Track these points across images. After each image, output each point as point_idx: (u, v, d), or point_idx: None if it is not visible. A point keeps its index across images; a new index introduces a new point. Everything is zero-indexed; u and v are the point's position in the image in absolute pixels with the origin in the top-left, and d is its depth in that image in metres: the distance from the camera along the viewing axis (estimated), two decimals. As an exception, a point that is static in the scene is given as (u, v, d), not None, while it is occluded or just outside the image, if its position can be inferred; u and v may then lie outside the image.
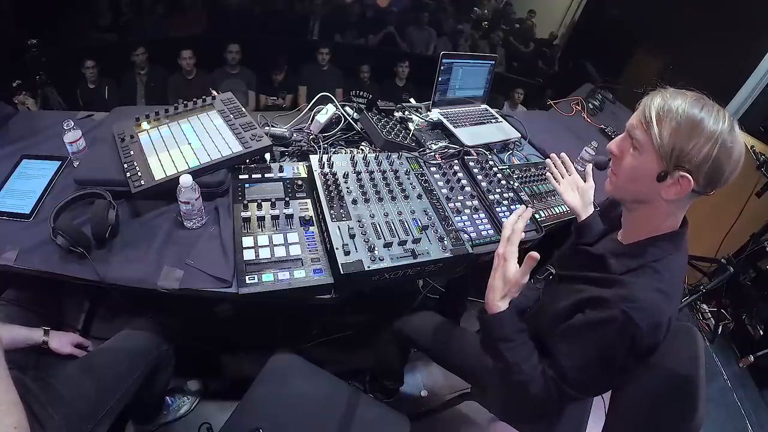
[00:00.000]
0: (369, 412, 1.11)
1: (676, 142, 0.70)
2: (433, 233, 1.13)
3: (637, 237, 0.84)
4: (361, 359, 1.67)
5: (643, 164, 0.76)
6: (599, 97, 2.39)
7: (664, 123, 0.72)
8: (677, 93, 0.75)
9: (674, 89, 0.76)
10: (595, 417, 1.19)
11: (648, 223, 0.82)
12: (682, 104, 0.72)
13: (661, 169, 0.73)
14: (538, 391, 0.81)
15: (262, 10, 4.61)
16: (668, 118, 0.71)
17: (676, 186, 0.73)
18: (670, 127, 0.71)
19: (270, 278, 0.98)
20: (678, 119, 0.71)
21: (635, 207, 0.83)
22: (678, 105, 0.72)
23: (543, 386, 0.81)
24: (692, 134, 0.70)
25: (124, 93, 3.55)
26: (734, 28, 3.01)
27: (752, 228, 2.42)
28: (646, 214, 0.82)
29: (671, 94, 0.75)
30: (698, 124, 0.70)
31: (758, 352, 2.21)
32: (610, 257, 0.84)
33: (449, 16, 5.47)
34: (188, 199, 1.01)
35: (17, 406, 0.68)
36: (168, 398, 1.47)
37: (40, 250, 1.00)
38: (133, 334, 1.14)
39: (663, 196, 0.75)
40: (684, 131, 0.70)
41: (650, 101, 0.76)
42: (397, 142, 1.43)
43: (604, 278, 0.82)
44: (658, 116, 0.73)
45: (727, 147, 0.69)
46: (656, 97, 0.75)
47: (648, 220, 0.82)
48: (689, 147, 0.70)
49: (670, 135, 0.71)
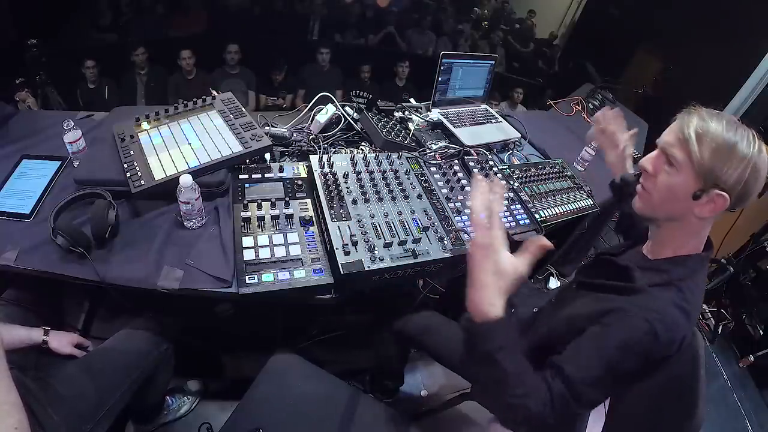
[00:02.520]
0: (369, 412, 1.11)
1: (715, 162, 0.72)
2: (433, 233, 1.13)
3: (663, 253, 0.84)
4: (362, 359, 1.67)
5: (681, 182, 0.77)
6: (599, 97, 2.39)
7: (704, 143, 0.73)
8: (712, 114, 0.77)
9: (707, 110, 0.78)
10: (595, 417, 1.18)
11: (676, 240, 0.83)
12: (719, 126, 0.74)
13: (698, 188, 0.75)
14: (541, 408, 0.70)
15: (262, 10, 4.61)
16: (708, 138, 0.73)
17: (711, 204, 0.74)
18: (709, 147, 0.73)
19: (270, 278, 0.97)
20: (717, 140, 0.73)
21: (666, 224, 0.84)
22: (715, 126, 0.74)
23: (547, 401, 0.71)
24: (729, 156, 0.72)
25: (124, 93, 3.55)
26: (734, 29, 3.01)
27: (752, 228, 2.42)
28: (676, 231, 0.82)
29: (707, 115, 0.77)
30: (734, 146, 0.72)
31: (758, 352, 2.21)
32: (635, 270, 0.84)
33: (449, 16, 5.48)
34: (188, 199, 1.01)
35: (18, 406, 0.68)
36: (168, 398, 1.47)
37: (40, 250, 1.00)
38: (133, 334, 1.15)
39: (696, 214, 0.76)
40: (722, 152, 0.72)
41: (687, 120, 0.77)
42: (397, 142, 1.43)
43: (628, 287, 0.82)
44: (698, 135, 0.74)
45: (757, 170, 0.72)
46: (693, 117, 0.77)
47: (676, 237, 0.83)
48: (725, 168, 0.72)
49: (710, 155, 0.73)
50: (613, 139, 1.22)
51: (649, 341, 0.72)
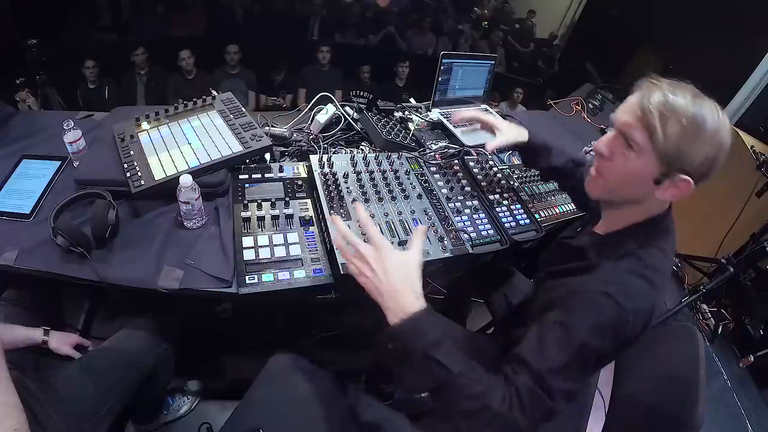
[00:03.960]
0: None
1: (681, 145, 0.65)
2: (433, 233, 1.13)
3: (616, 228, 0.79)
4: (362, 360, 1.67)
5: (640, 167, 0.69)
6: (599, 97, 2.39)
7: (669, 123, 0.65)
8: (675, 87, 0.68)
9: (668, 82, 0.69)
10: (595, 417, 1.19)
11: (632, 216, 0.77)
12: (684, 102, 0.65)
13: (660, 172, 0.68)
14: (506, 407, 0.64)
15: (262, 10, 4.61)
16: (674, 119, 0.65)
17: (674, 189, 0.69)
18: (675, 128, 0.65)
19: (270, 278, 0.97)
20: (684, 120, 0.64)
21: (623, 206, 0.78)
22: (681, 103, 0.65)
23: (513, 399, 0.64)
24: (698, 136, 0.65)
25: (124, 93, 3.55)
26: (734, 28, 3.02)
27: (752, 228, 2.42)
28: (634, 211, 0.77)
29: (669, 88, 0.68)
30: (702, 123, 0.64)
31: (758, 352, 2.21)
32: (589, 249, 0.80)
33: (449, 16, 5.48)
34: (188, 199, 1.01)
35: (18, 407, 0.68)
36: (168, 398, 1.47)
37: (40, 250, 1.00)
38: (133, 334, 1.15)
39: (658, 198, 0.71)
40: (690, 133, 0.65)
41: (648, 97, 0.68)
42: (397, 142, 1.43)
43: (583, 266, 0.77)
44: (661, 115, 0.65)
45: (723, 143, 0.66)
46: (654, 92, 0.68)
47: (634, 215, 0.77)
48: (693, 149, 0.65)
49: (676, 137, 0.65)
50: None
51: (615, 315, 0.65)
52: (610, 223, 0.82)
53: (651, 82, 0.70)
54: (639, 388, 0.87)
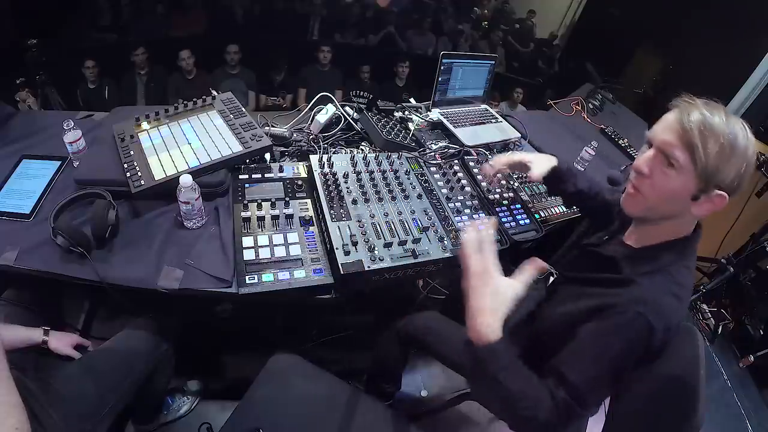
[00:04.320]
0: (369, 412, 1.11)
1: (720, 162, 0.68)
2: (433, 233, 1.13)
3: (651, 242, 0.82)
4: (362, 359, 1.67)
5: (680, 185, 0.72)
6: (599, 97, 2.39)
7: (709, 143, 0.68)
8: (710, 107, 0.72)
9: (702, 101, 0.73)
10: (595, 417, 1.18)
11: (667, 233, 0.80)
12: (720, 121, 0.69)
13: (698, 189, 0.71)
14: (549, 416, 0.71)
15: (262, 10, 4.61)
16: (713, 138, 0.68)
17: (710, 204, 0.72)
18: (715, 147, 0.68)
19: (270, 278, 0.98)
20: (722, 139, 0.68)
21: (658, 222, 0.81)
22: (718, 123, 0.69)
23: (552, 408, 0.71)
24: (733, 153, 0.69)
25: (124, 93, 3.55)
26: (734, 28, 3.01)
27: (752, 228, 2.42)
28: (668, 226, 0.80)
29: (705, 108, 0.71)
30: (737, 142, 0.69)
31: (758, 352, 2.21)
32: (621, 260, 0.81)
33: (449, 16, 5.48)
34: (188, 199, 1.01)
35: (19, 407, 0.68)
36: (168, 398, 1.47)
37: (40, 250, 1.00)
38: (133, 334, 1.14)
39: (694, 213, 0.74)
40: (727, 151, 0.68)
41: (687, 116, 0.71)
42: (397, 142, 1.43)
43: (616, 279, 0.79)
44: (702, 134, 0.68)
45: (750, 162, 0.70)
46: (693, 111, 0.71)
47: (668, 230, 0.80)
48: (728, 166, 0.69)
49: (715, 155, 0.68)
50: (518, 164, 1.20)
51: (647, 335, 0.71)
52: (642, 236, 0.84)
53: (687, 102, 0.74)
54: (639, 388, 0.87)
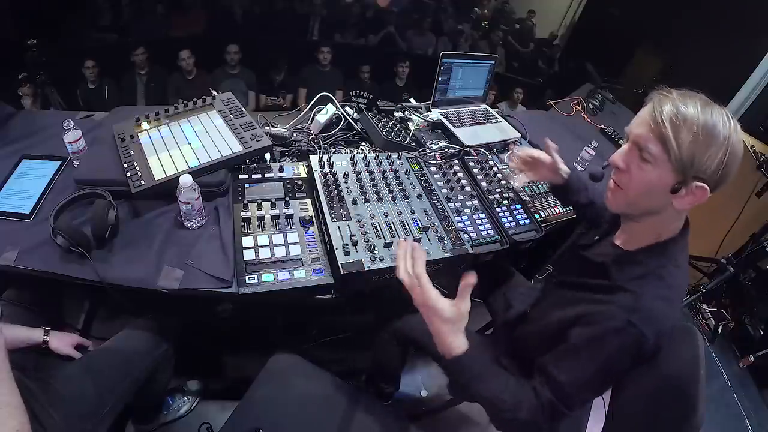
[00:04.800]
0: (369, 412, 1.11)
1: (695, 152, 0.67)
2: (433, 233, 1.13)
3: (639, 243, 0.81)
4: (362, 359, 1.67)
5: (657, 178, 0.71)
6: (599, 97, 2.39)
7: (681, 133, 0.67)
8: (684, 97, 0.70)
9: (677, 92, 0.72)
10: (595, 417, 1.19)
11: (654, 230, 0.79)
12: (694, 111, 0.68)
13: (676, 182, 0.70)
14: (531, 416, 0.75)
15: (262, 10, 4.61)
16: (685, 128, 0.67)
17: (691, 196, 0.70)
18: (688, 136, 0.67)
19: (270, 278, 0.98)
20: (695, 128, 0.67)
21: (642, 218, 0.80)
22: (692, 112, 0.68)
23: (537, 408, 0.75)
24: (710, 142, 0.67)
25: (124, 93, 3.55)
26: (734, 28, 3.02)
27: (752, 228, 2.42)
28: (653, 223, 0.79)
29: (679, 99, 0.70)
30: (714, 130, 0.66)
31: (758, 352, 2.21)
32: (611, 265, 0.81)
33: (449, 16, 5.48)
34: (188, 199, 1.01)
35: (20, 408, 0.68)
36: (168, 398, 1.47)
37: (40, 250, 1.00)
38: (133, 334, 1.15)
39: (676, 207, 0.73)
40: (702, 141, 0.67)
41: (659, 109, 0.70)
42: (397, 142, 1.43)
43: (606, 285, 0.79)
44: (673, 125, 0.68)
45: (735, 149, 0.68)
46: (665, 103, 0.70)
47: (654, 228, 0.79)
48: (706, 156, 0.67)
49: (688, 145, 0.67)
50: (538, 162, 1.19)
51: (638, 344, 0.71)
52: (630, 236, 0.84)
53: (661, 94, 0.73)
54: (639, 388, 0.87)
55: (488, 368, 0.80)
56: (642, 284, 0.75)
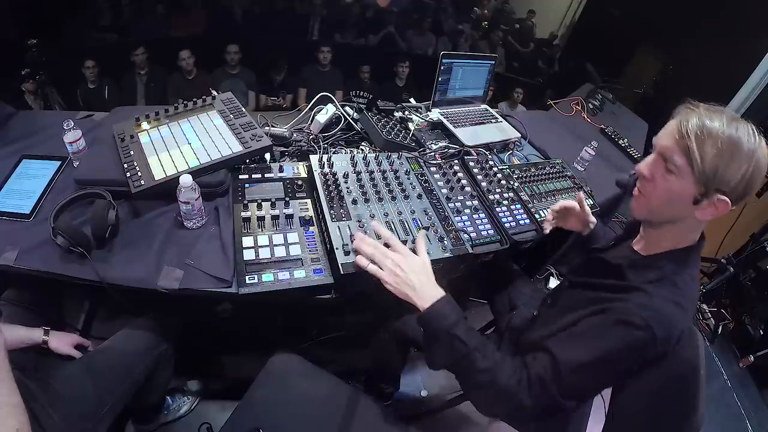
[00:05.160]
0: (369, 412, 1.11)
1: (718, 165, 0.68)
2: (433, 233, 1.13)
3: (657, 249, 0.82)
4: (362, 359, 1.67)
5: (680, 189, 0.73)
6: (599, 97, 2.39)
7: (706, 146, 0.69)
8: (711, 112, 0.72)
9: (704, 106, 0.74)
10: (595, 417, 1.19)
11: (672, 238, 0.81)
12: (721, 125, 0.69)
13: (699, 193, 0.71)
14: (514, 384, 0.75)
15: (261, 10, 4.61)
16: (710, 141, 0.69)
17: (712, 208, 0.72)
18: (712, 150, 0.68)
19: (270, 278, 0.97)
20: (720, 142, 0.68)
21: (663, 226, 0.81)
22: (717, 126, 0.69)
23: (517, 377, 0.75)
24: (733, 157, 0.68)
25: (124, 93, 3.55)
26: (734, 28, 3.02)
27: (752, 228, 2.42)
28: (673, 231, 0.80)
29: (705, 113, 0.72)
30: (738, 145, 0.68)
31: (758, 352, 2.21)
32: (627, 268, 0.82)
33: (449, 16, 5.48)
34: (188, 199, 1.01)
35: (20, 408, 0.68)
36: (168, 398, 1.47)
37: (40, 250, 1.00)
38: (133, 334, 1.15)
39: (698, 218, 0.74)
40: (726, 154, 0.68)
41: (686, 122, 0.72)
42: (397, 142, 1.43)
43: (621, 285, 0.80)
44: (698, 138, 0.69)
45: (759, 166, 0.69)
46: (691, 117, 0.72)
47: (673, 236, 0.81)
48: (729, 169, 0.68)
49: (712, 159, 0.69)
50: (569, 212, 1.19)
51: (646, 342, 0.71)
52: (649, 243, 0.85)
53: (688, 108, 0.75)
54: (639, 388, 0.87)
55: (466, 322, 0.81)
56: (657, 287, 0.76)
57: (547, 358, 0.76)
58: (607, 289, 0.83)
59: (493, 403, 0.80)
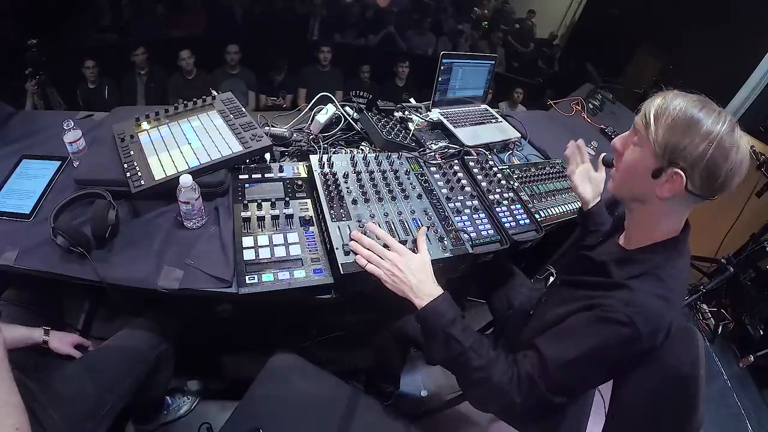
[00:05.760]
0: (369, 412, 1.11)
1: (671, 138, 0.72)
2: (433, 233, 1.13)
3: (638, 242, 0.84)
4: (362, 359, 1.67)
5: (640, 159, 0.78)
6: (599, 97, 2.39)
7: (661, 120, 0.74)
8: (679, 94, 0.77)
9: (678, 91, 0.78)
10: (595, 417, 1.19)
11: (647, 226, 0.82)
12: (681, 103, 0.74)
13: (656, 166, 0.75)
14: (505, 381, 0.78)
15: (261, 11, 4.61)
16: (665, 116, 0.74)
17: (670, 183, 0.74)
18: (665, 124, 0.73)
19: (270, 278, 0.97)
20: (674, 117, 0.73)
21: (634, 206, 0.84)
22: (676, 104, 0.74)
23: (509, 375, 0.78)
24: (687, 132, 0.71)
25: (124, 93, 3.56)
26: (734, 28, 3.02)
27: (752, 228, 2.42)
28: (644, 215, 0.82)
29: (673, 95, 0.77)
30: (694, 122, 0.71)
31: (758, 352, 2.21)
32: (611, 264, 0.84)
33: (449, 16, 5.48)
34: (188, 199, 1.01)
35: (20, 407, 0.68)
36: (168, 398, 1.47)
37: (40, 250, 1.00)
38: (133, 334, 1.15)
39: (657, 194, 0.76)
40: (679, 128, 0.72)
41: (651, 100, 0.78)
42: (397, 142, 1.43)
43: (606, 282, 0.82)
44: (656, 114, 0.75)
45: (724, 148, 0.70)
46: (657, 98, 0.78)
47: (647, 222, 0.82)
48: (683, 144, 0.71)
49: (664, 132, 0.73)
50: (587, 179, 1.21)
51: (631, 338, 0.72)
52: (630, 235, 0.88)
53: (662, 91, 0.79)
54: (639, 388, 0.87)
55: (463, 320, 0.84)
56: (641, 282, 0.77)
57: (536, 356, 0.79)
58: (593, 286, 0.85)
59: (485, 399, 0.83)
